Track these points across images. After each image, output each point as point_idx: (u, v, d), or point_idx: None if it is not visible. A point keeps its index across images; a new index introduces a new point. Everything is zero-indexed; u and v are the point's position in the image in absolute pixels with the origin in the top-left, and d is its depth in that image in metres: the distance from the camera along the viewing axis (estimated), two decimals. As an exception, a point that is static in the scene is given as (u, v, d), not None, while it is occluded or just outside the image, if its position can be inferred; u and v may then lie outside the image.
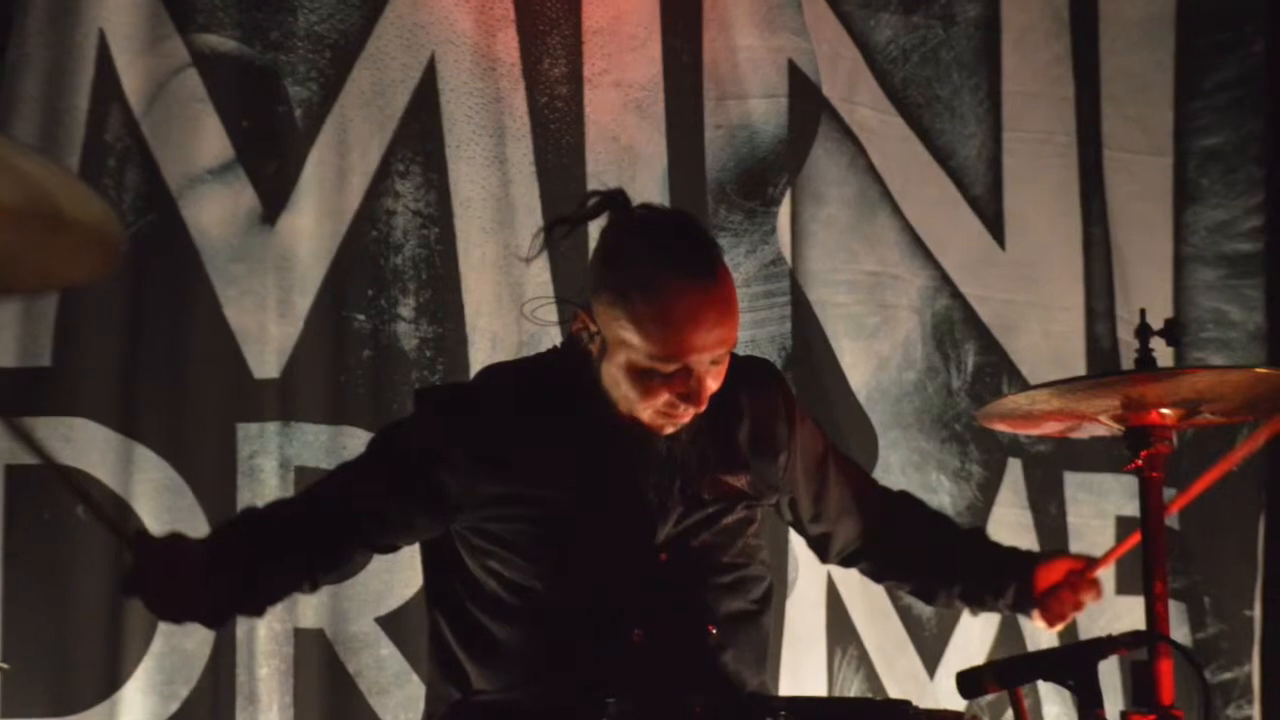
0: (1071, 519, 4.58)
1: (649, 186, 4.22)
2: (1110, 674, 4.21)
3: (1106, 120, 4.73)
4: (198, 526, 3.74)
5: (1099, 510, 4.60)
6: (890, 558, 3.23)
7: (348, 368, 4.00)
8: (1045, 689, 4.39)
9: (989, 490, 4.50)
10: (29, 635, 3.74)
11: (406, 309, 4.05)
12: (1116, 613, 4.35)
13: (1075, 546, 4.48)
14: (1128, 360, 4.42)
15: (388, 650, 3.94)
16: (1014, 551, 3.27)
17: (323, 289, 3.99)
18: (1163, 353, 3.29)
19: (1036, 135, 4.65)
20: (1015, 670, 2.75)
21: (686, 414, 2.82)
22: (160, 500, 3.84)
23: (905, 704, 2.64)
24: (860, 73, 4.49)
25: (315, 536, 2.87)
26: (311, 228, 4.00)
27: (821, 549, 3.21)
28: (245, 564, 2.82)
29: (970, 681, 2.73)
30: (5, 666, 3.59)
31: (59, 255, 2.56)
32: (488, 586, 2.87)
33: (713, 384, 2.80)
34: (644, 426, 2.83)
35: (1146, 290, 4.63)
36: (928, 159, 4.55)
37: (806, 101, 4.40)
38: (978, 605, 3.27)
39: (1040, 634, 4.01)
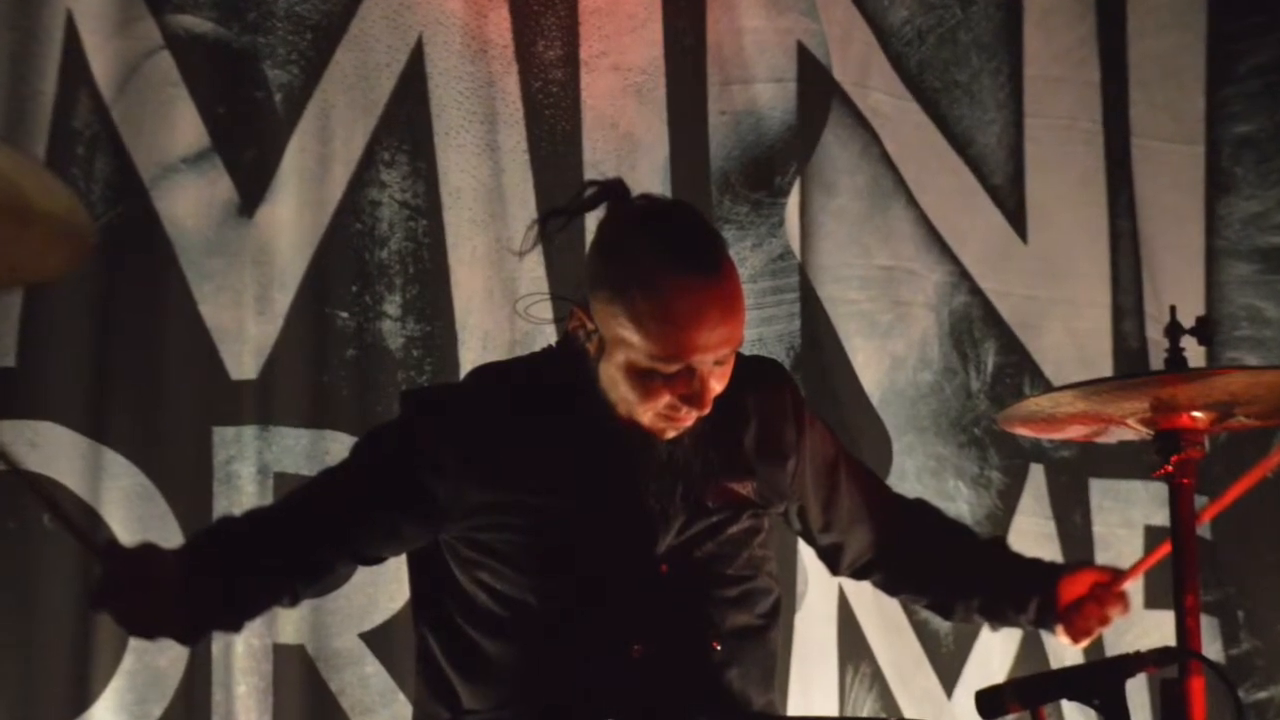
0: (1097, 528, 4.58)
1: (649, 176, 4.22)
2: (1138, 693, 4.22)
3: (1134, 106, 4.73)
4: (171, 536, 3.74)
5: (1126, 519, 4.60)
6: (905, 569, 3.23)
7: (330, 368, 4.00)
8: (1069, 709, 4.39)
9: (1010, 498, 4.50)
10: (-8, 651, 3.75)
11: (392, 306, 4.05)
12: (1145, 628, 4.35)
13: (1101, 557, 4.47)
14: (1157, 360, 4.41)
15: (372, 667, 3.94)
16: (1036, 563, 3.27)
17: (304, 285, 3.99)
18: (1194, 352, 3.29)
19: (1060, 121, 4.65)
20: (1038, 689, 2.74)
21: (689, 416, 2.82)
22: (131, 508, 3.84)
23: (921, 724, 2.65)
24: (873, 55, 4.49)
25: (296, 547, 2.87)
26: (292, 220, 4.00)
27: (832, 560, 3.20)
28: (222, 576, 2.82)
29: (990, 701, 2.73)
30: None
31: (24, 249, 2.56)
32: (478, 600, 2.87)
33: (717, 385, 2.80)
34: (644, 430, 2.83)
35: (1177, 286, 4.63)
36: (945, 147, 4.55)
37: (816, 86, 4.40)
38: (998, 620, 3.26)
39: (1064, 650, 4.02)
